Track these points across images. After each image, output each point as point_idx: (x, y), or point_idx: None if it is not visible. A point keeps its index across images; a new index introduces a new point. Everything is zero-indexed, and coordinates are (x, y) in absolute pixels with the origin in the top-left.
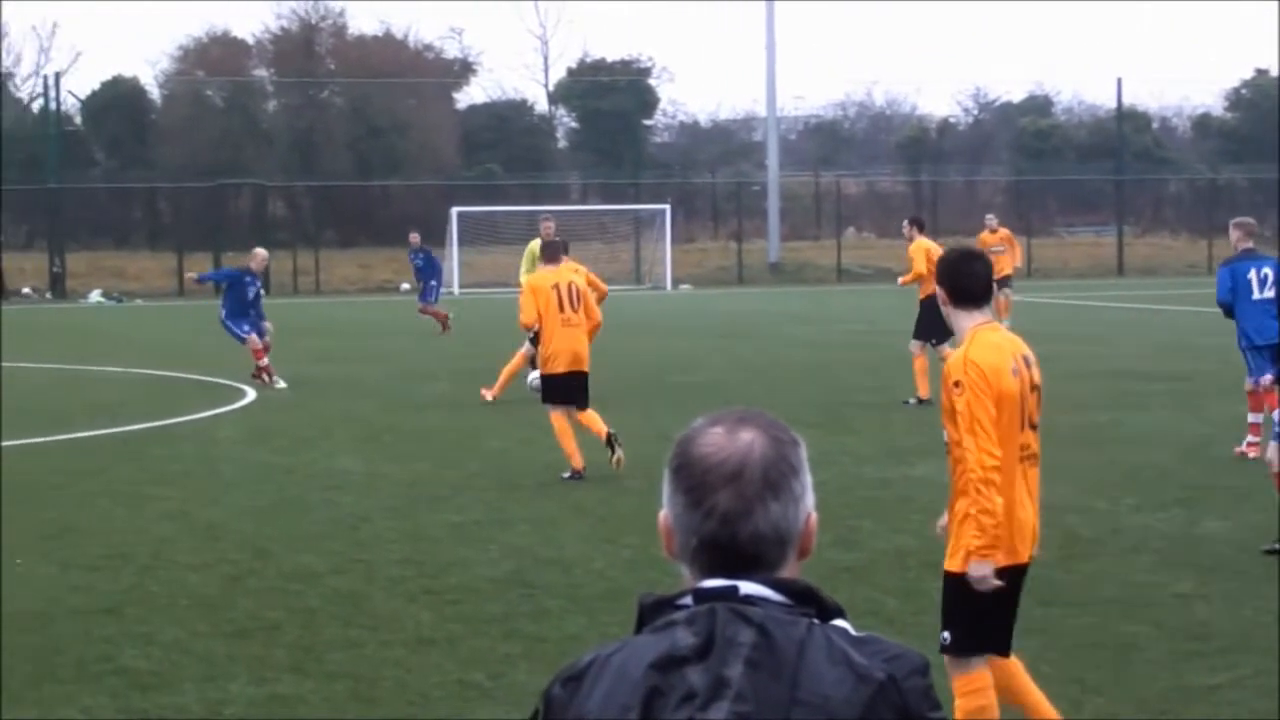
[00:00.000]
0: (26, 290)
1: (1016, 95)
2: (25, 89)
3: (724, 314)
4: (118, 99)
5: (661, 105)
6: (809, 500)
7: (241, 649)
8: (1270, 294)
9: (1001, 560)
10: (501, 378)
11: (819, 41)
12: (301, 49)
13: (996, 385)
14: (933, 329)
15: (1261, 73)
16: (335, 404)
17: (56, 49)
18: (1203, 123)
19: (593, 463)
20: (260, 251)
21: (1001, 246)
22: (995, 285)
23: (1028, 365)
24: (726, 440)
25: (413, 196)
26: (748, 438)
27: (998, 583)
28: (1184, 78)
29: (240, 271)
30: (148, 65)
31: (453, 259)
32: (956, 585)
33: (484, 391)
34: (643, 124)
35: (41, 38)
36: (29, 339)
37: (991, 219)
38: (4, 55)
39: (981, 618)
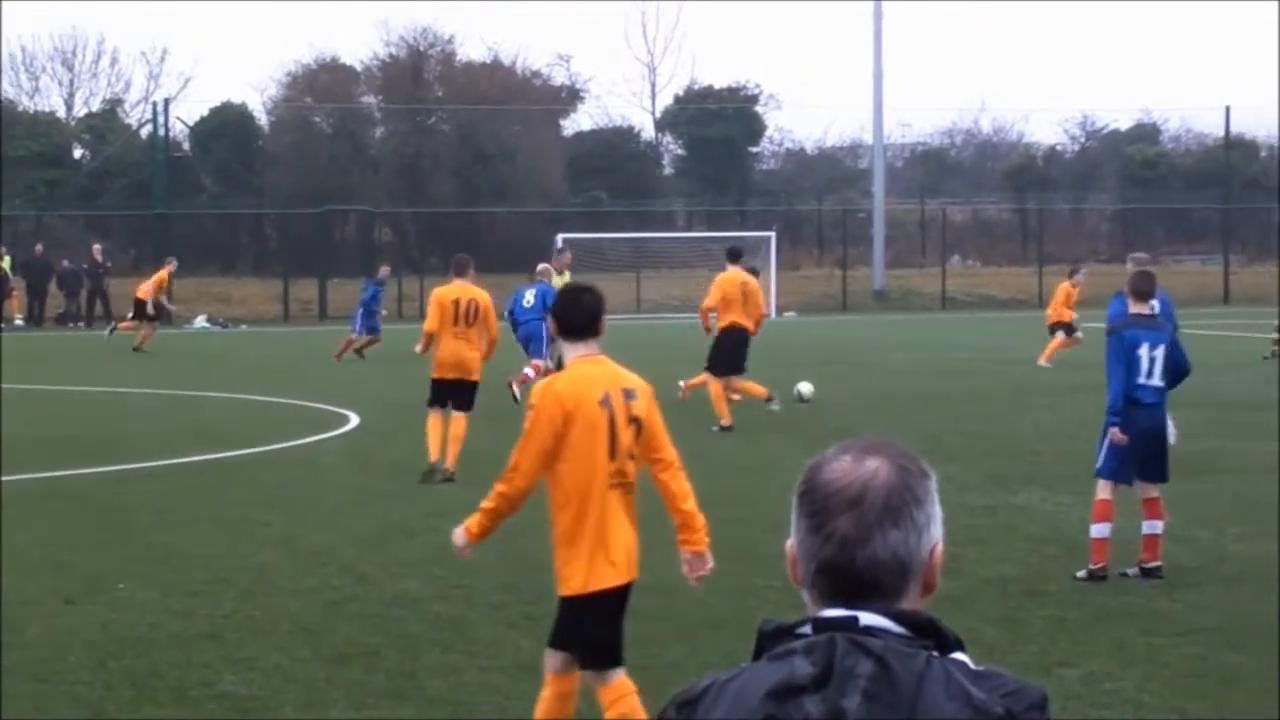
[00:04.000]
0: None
1: (1124, 123)
2: (134, 115)
3: (828, 341)
4: (226, 125)
5: (768, 132)
6: (934, 532)
7: (342, 675)
8: None
9: (593, 584)
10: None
11: (926, 69)
12: (410, 76)
13: (573, 415)
14: (719, 361)
15: None
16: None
17: (166, 75)
18: None
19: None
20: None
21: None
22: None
23: (628, 398)
24: (852, 467)
25: (519, 223)
26: (873, 465)
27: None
28: None
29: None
30: (256, 92)
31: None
32: (571, 607)
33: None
34: (749, 151)
35: (151, 64)
36: (134, 364)
37: (1080, 277)
38: (113, 80)
39: (593, 636)
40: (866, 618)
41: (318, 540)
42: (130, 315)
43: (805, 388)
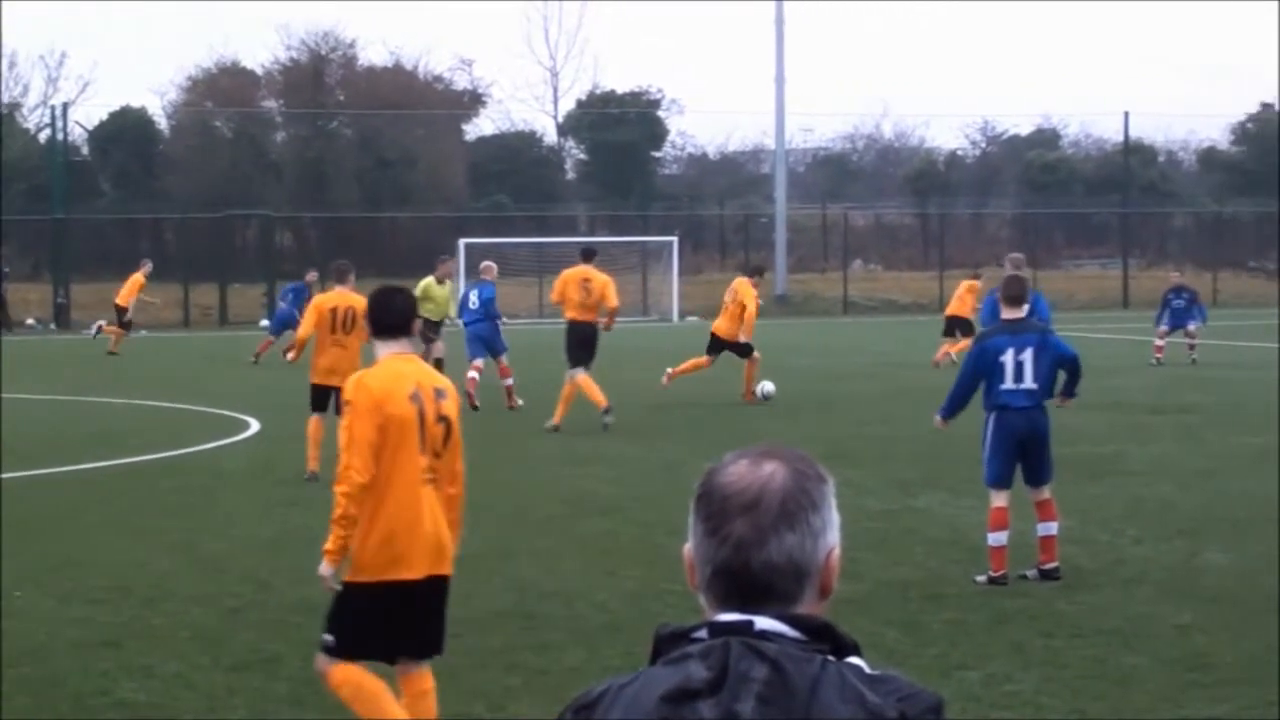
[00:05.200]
0: (30, 321)
1: (1024, 128)
2: (32, 119)
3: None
4: (125, 129)
5: (670, 137)
6: (831, 537)
7: (242, 682)
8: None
9: (395, 573)
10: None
11: (828, 74)
12: (311, 80)
13: (384, 407)
14: (573, 353)
15: (1267, 107)
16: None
17: (64, 79)
18: (1208, 156)
19: (592, 494)
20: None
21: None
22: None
23: (439, 397)
24: (748, 471)
25: (421, 228)
26: (769, 469)
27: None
28: (1190, 112)
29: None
30: (156, 96)
31: (460, 291)
32: (348, 593)
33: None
34: (651, 156)
35: (49, 68)
36: (33, 370)
37: (979, 284)
38: (10, 84)
39: (363, 626)
40: (762, 622)
41: (218, 547)
42: (114, 323)
43: (767, 386)
